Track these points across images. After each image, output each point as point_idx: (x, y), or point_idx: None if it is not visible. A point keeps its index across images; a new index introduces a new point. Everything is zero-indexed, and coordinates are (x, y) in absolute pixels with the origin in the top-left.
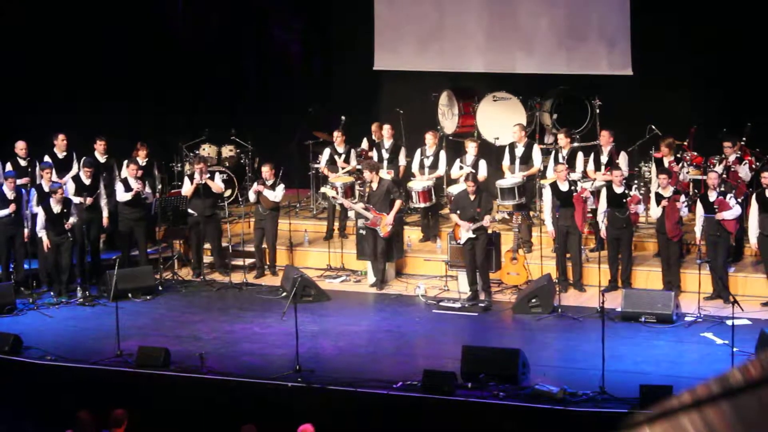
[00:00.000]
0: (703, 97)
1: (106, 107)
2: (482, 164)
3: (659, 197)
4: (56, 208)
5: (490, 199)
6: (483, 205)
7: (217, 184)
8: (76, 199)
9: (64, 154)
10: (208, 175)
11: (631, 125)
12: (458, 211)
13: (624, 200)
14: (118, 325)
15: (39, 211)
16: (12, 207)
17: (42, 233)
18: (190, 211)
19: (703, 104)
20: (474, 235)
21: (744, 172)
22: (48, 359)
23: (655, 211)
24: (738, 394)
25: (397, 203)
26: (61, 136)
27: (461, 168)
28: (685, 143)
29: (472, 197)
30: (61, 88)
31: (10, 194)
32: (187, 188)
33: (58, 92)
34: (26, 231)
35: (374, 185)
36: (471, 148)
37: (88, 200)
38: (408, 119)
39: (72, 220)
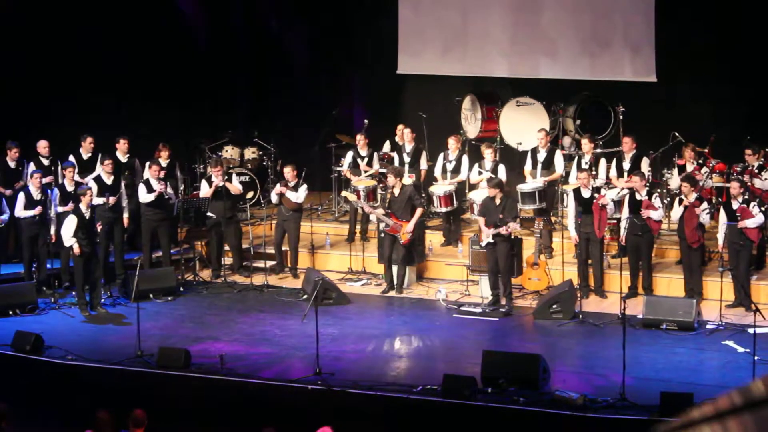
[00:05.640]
0: (728, 104)
1: (130, 108)
2: (501, 168)
3: (680, 199)
4: (87, 213)
5: (515, 206)
6: (507, 212)
7: (235, 186)
8: (99, 200)
9: (89, 155)
10: (226, 178)
11: (654, 132)
12: (484, 216)
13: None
14: (139, 325)
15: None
16: (38, 209)
17: (72, 241)
18: (209, 213)
19: (727, 111)
20: (493, 241)
21: (759, 182)
22: (69, 359)
23: (676, 212)
24: (761, 406)
25: (418, 211)
26: (89, 139)
27: (480, 173)
28: (706, 150)
29: (497, 202)
30: (84, 88)
31: (36, 194)
32: (205, 191)
33: (82, 92)
34: (52, 231)
35: (396, 191)
36: (488, 154)
37: (111, 200)
38: (431, 123)
39: (99, 223)
